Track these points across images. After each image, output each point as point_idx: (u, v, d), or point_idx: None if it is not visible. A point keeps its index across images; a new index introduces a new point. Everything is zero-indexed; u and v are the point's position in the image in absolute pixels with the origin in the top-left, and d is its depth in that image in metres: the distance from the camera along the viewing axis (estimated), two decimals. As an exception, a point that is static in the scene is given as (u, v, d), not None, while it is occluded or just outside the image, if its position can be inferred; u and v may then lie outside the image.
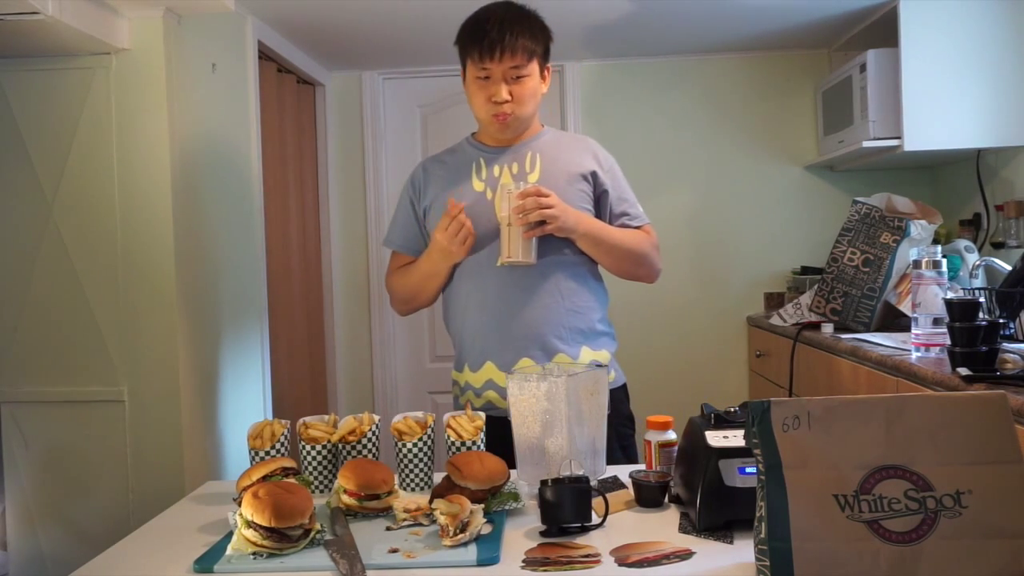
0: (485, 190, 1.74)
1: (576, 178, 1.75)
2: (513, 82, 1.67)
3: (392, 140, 3.49)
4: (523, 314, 1.69)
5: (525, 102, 1.70)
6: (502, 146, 1.79)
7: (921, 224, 2.42)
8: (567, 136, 1.88)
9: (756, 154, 3.39)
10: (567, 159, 1.77)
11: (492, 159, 1.77)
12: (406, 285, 1.82)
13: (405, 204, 1.85)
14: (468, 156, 1.80)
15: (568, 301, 1.72)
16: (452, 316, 1.81)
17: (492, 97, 1.68)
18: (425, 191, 1.80)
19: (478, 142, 1.83)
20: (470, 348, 1.75)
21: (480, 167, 1.77)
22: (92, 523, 2.33)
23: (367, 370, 3.51)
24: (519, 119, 1.72)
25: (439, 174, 1.81)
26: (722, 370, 3.39)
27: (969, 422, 0.98)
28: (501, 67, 1.65)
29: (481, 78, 1.68)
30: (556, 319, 1.70)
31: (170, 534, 1.28)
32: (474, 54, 1.66)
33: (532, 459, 1.39)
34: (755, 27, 3.00)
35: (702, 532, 1.17)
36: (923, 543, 0.93)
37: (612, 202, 1.80)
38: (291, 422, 1.50)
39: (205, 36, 2.44)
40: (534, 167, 1.75)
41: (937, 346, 1.89)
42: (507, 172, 1.74)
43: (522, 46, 1.65)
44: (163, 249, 2.32)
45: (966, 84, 2.61)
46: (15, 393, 2.36)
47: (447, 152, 1.87)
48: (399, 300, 1.86)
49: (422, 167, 1.85)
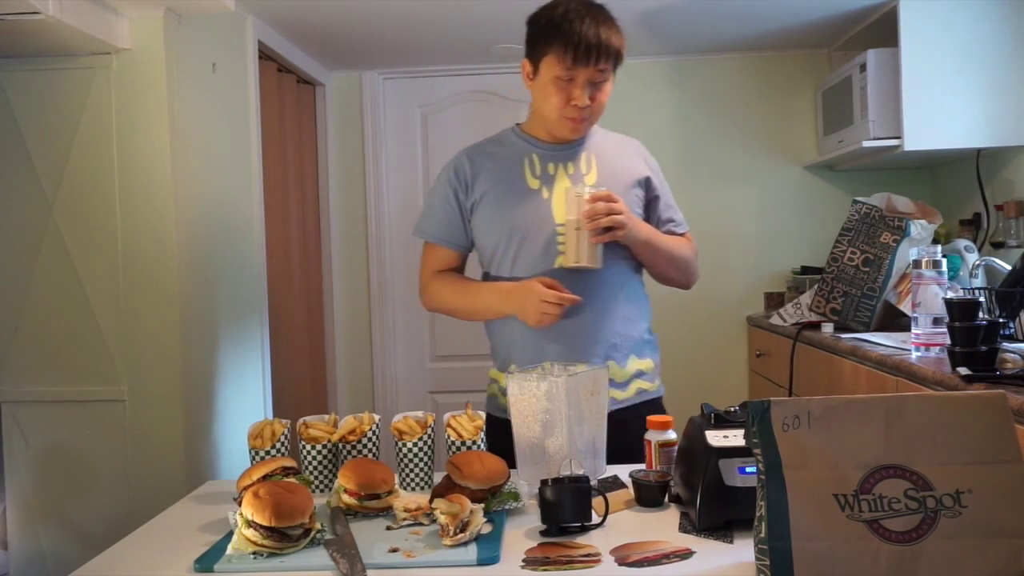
0: (540, 188, 1.67)
1: (632, 183, 1.70)
2: (594, 87, 1.61)
3: (392, 140, 3.49)
4: (580, 319, 1.63)
5: (603, 107, 1.66)
6: (554, 143, 1.71)
7: (921, 224, 2.42)
8: (615, 136, 1.82)
9: (756, 154, 3.39)
10: (622, 163, 1.73)
11: (546, 156, 1.70)
12: (455, 303, 1.74)
13: (446, 195, 1.73)
14: (519, 150, 1.71)
15: (622, 308, 1.67)
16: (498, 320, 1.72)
17: (573, 101, 1.60)
18: (474, 184, 1.70)
19: (527, 135, 1.73)
20: (520, 351, 1.66)
21: (533, 163, 1.69)
22: (92, 523, 2.33)
23: (367, 370, 3.51)
24: (591, 124, 1.69)
25: (488, 167, 1.70)
26: (722, 370, 3.39)
27: (969, 422, 0.98)
28: (588, 71, 1.58)
29: (563, 79, 1.59)
30: (610, 326, 1.66)
31: (170, 534, 1.28)
32: (564, 54, 1.56)
33: (532, 459, 1.39)
34: (755, 27, 3.00)
35: (702, 532, 1.17)
36: (923, 543, 0.93)
37: (660, 208, 1.76)
38: (291, 422, 1.50)
39: (205, 36, 2.45)
40: (590, 168, 1.69)
41: (937, 346, 1.89)
42: (562, 172, 1.68)
43: (614, 49, 1.60)
44: (164, 249, 2.32)
45: (966, 84, 2.61)
46: (16, 393, 2.36)
47: (491, 143, 1.77)
48: (435, 306, 1.79)
49: (467, 157, 1.74)
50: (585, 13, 1.59)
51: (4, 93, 2.32)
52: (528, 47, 1.66)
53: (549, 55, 1.60)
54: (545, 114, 1.66)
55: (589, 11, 1.60)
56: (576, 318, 1.63)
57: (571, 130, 1.66)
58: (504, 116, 3.57)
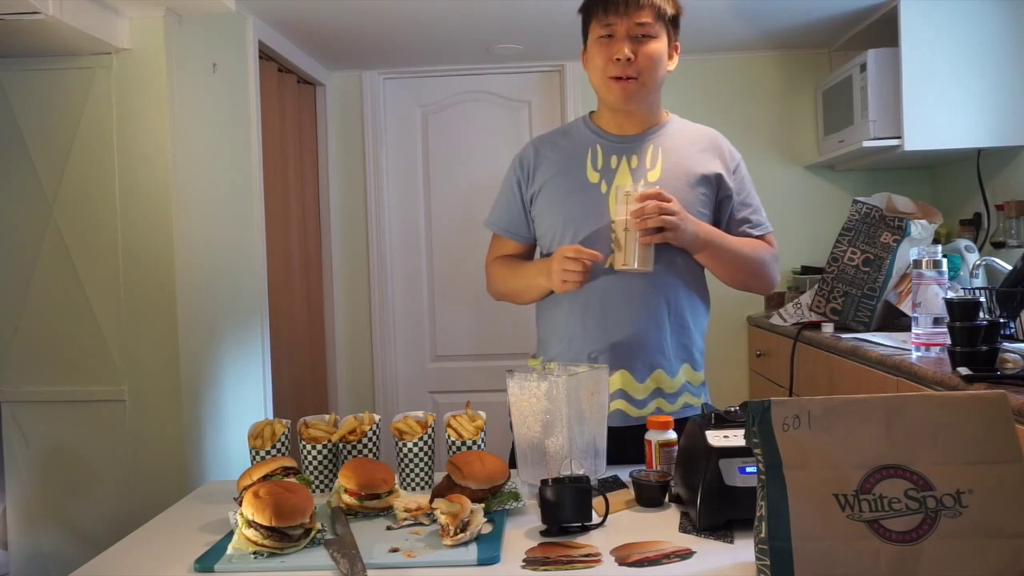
0: (600, 182, 1.60)
1: (699, 180, 1.62)
2: (638, 42, 1.53)
3: (392, 140, 3.49)
4: (629, 324, 1.57)
5: (652, 67, 1.56)
6: (622, 135, 1.64)
7: (921, 224, 2.42)
8: (693, 129, 1.73)
9: (756, 154, 3.38)
10: (691, 158, 1.64)
11: (609, 148, 1.63)
12: (507, 284, 1.72)
13: (511, 185, 1.71)
14: (584, 140, 1.66)
15: (676, 314, 1.61)
16: (546, 313, 1.68)
17: (614, 55, 1.53)
18: (535, 174, 1.66)
19: (596, 125, 1.67)
20: (564, 351, 1.62)
21: (596, 155, 1.63)
22: (92, 523, 2.33)
23: (367, 370, 3.51)
24: (643, 87, 1.57)
25: (551, 157, 1.66)
26: (722, 370, 3.39)
27: (969, 422, 0.98)
28: (626, 23, 1.52)
29: (604, 36, 1.54)
30: (662, 333, 1.59)
31: (170, 534, 1.28)
32: (598, 10, 1.53)
33: (532, 459, 1.39)
34: (755, 27, 3.00)
35: (702, 532, 1.17)
36: (923, 543, 0.93)
37: (734, 207, 1.67)
38: (291, 422, 1.50)
39: (206, 36, 2.44)
40: (655, 164, 1.61)
41: (937, 346, 1.89)
42: (624, 165, 1.61)
43: (651, 2, 1.52)
44: (164, 249, 2.32)
45: (966, 84, 2.61)
46: (16, 393, 2.36)
47: (560, 133, 1.72)
48: (496, 292, 1.77)
49: (533, 147, 1.70)
50: None
51: (4, 93, 2.32)
52: (582, 30, 1.64)
53: (592, 21, 1.58)
54: (596, 85, 1.61)
55: None
56: (624, 321, 1.58)
57: (619, 92, 1.57)
58: (504, 116, 3.60)
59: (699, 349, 1.69)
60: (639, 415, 1.58)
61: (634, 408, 1.59)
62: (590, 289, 1.57)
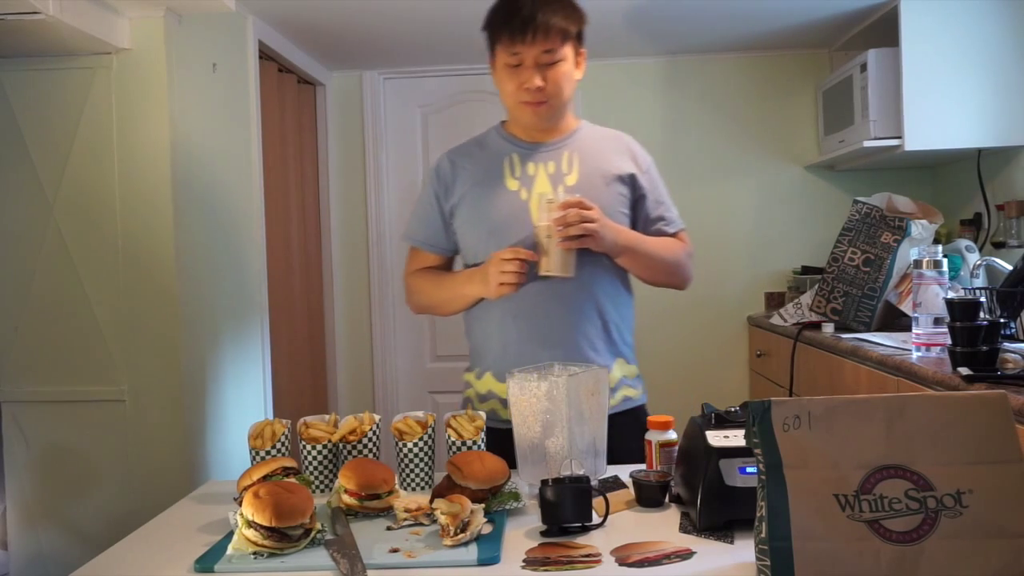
0: (519, 190, 1.63)
1: (615, 181, 1.65)
2: (546, 68, 1.56)
3: (392, 140, 3.49)
4: (559, 326, 1.61)
5: (560, 89, 1.59)
6: (537, 141, 1.67)
7: (922, 224, 2.42)
8: (604, 133, 1.76)
9: (756, 154, 3.39)
10: (606, 160, 1.68)
11: (526, 155, 1.66)
12: (431, 295, 1.73)
13: (429, 199, 1.72)
14: (500, 150, 1.68)
15: (604, 314, 1.65)
16: (478, 323, 1.71)
17: (524, 84, 1.57)
18: (453, 186, 1.68)
19: (510, 134, 1.70)
20: (499, 358, 1.65)
21: (513, 164, 1.66)
22: (92, 523, 2.33)
23: (367, 370, 3.51)
24: (553, 108, 1.61)
25: (468, 168, 1.68)
26: (723, 370, 3.39)
27: (970, 422, 0.98)
28: (533, 51, 1.54)
29: (512, 64, 1.56)
30: (593, 332, 1.63)
31: (170, 534, 1.28)
32: (504, 36, 1.55)
33: (532, 459, 1.39)
34: (755, 27, 3.00)
35: (702, 532, 1.17)
36: (924, 543, 0.93)
37: (649, 206, 1.70)
38: (291, 422, 1.50)
39: (205, 36, 2.44)
40: (572, 168, 1.65)
41: (938, 346, 1.89)
42: (542, 172, 1.64)
43: (556, 27, 1.53)
44: (164, 249, 2.32)
45: (966, 84, 2.61)
46: (16, 393, 2.36)
47: (474, 144, 1.74)
48: (418, 304, 1.78)
49: (449, 159, 1.72)
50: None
51: (4, 93, 2.32)
52: (488, 45, 1.65)
53: (497, 43, 1.59)
54: (508, 105, 1.64)
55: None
56: (555, 324, 1.61)
57: (532, 115, 1.62)
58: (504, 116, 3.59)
59: (629, 344, 1.72)
60: None
61: None
62: (521, 295, 1.60)
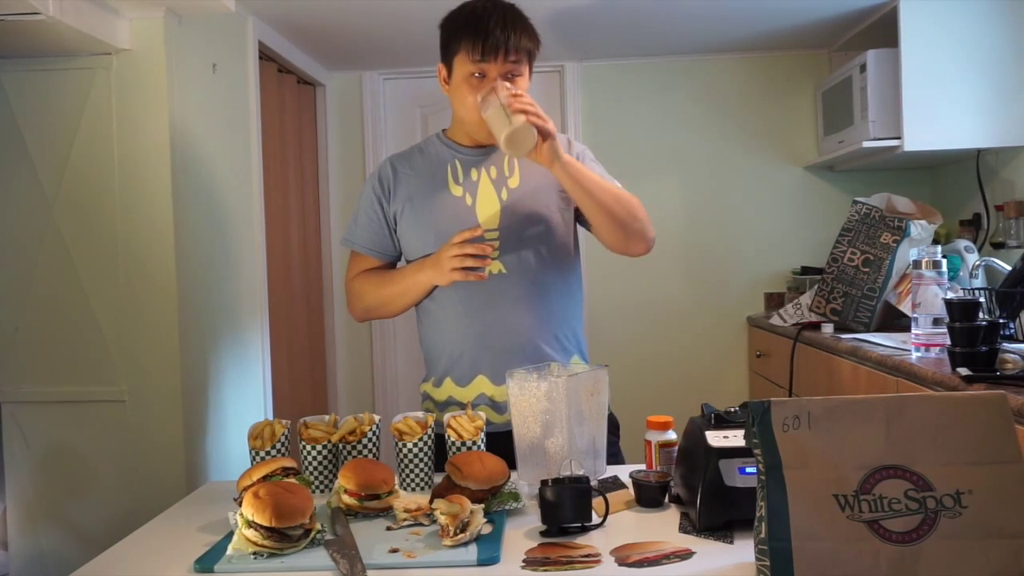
0: (464, 195, 1.64)
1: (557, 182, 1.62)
2: (508, 80, 1.57)
3: (392, 140, 3.49)
4: (514, 324, 1.61)
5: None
6: (479, 146, 1.68)
7: (921, 224, 2.42)
8: None
9: (756, 154, 3.39)
10: None
11: (468, 162, 1.67)
12: (380, 292, 1.71)
13: (371, 203, 1.71)
14: (442, 157, 1.69)
15: (557, 308, 1.65)
16: (431, 328, 1.71)
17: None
18: (395, 191, 1.69)
19: (451, 141, 1.71)
20: (456, 362, 1.65)
21: (456, 170, 1.67)
22: (92, 523, 2.33)
23: (367, 370, 3.51)
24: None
25: (410, 175, 1.69)
26: (722, 370, 3.39)
27: (969, 422, 0.98)
28: (498, 67, 1.55)
29: (475, 75, 1.57)
30: (547, 328, 1.64)
31: (170, 534, 1.28)
32: (472, 51, 1.55)
33: (532, 459, 1.39)
34: (755, 27, 3.01)
35: (702, 532, 1.17)
36: (923, 543, 0.93)
37: None
38: (291, 422, 1.50)
39: (205, 36, 2.44)
40: (513, 171, 1.66)
41: (937, 346, 1.89)
42: (485, 177, 1.65)
43: (523, 46, 1.57)
44: (164, 249, 2.32)
45: (966, 84, 2.61)
46: (16, 393, 2.36)
47: (415, 151, 1.74)
48: (363, 307, 1.75)
49: (390, 165, 1.72)
50: (492, 10, 1.58)
51: (4, 93, 2.32)
52: (441, 50, 1.64)
53: (460, 53, 1.58)
54: (463, 116, 1.63)
55: (496, 7, 1.59)
56: (510, 322, 1.61)
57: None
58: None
59: (583, 341, 1.74)
60: None
61: None
62: (474, 299, 1.61)
